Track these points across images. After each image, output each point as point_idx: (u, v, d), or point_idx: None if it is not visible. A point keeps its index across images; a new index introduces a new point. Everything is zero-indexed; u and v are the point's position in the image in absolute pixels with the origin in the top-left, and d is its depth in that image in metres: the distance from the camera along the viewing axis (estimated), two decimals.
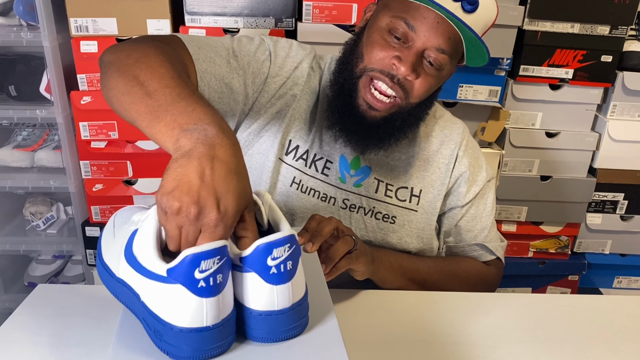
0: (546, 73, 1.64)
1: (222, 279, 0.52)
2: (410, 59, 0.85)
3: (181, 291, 0.51)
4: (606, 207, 1.83)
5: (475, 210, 1.05)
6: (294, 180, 0.98)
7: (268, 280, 0.54)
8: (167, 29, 1.50)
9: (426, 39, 0.85)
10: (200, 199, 0.50)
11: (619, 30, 1.60)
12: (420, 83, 0.88)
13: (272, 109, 0.97)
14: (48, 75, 1.56)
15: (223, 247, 0.51)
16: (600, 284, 1.98)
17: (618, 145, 1.72)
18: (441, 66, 0.88)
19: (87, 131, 1.59)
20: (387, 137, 0.93)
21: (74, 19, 1.49)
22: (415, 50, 0.86)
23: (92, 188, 1.66)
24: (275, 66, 0.95)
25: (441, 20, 0.84)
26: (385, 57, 0.87)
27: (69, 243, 1.77)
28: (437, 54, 0.86)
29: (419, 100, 0.90)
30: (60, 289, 0.92)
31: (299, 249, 0.56)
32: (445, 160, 1.02)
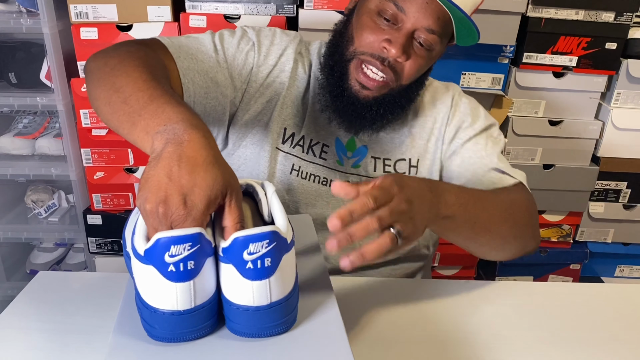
0: (550, 60, 1.62)
1: (194, 266, 0.52)
2: (400, 41, 0.85)
3: (154, 273, 0.52)
4: (609, 195, 1.82)
5: (476, 146, 0.99)
6: (294, 167, 0.98)
7: (244, 275, 0.53)
8: (168, 16, 1.49)
9: (416, 20, 0.85)
10: (167, 197, 0.52)
11: (624, 16, 1.58)
12: (411, 64, 0.88)
13: (262, 98, 0.97)
14: (48, 62, 1.55)
15: (196, 235, 0.52)
16: (602, 272, 1.98)
17: (622, 133, 1.71)
18: (431, 46, 0.88)
19: (88, 119, 1.58)
20: (379, 117, 0.93)
21: (73, 6, 1.48)
22: (405, 31, 0.86)
23: (94, 176, 1.66)
24: (260, 55, 0.95)
25: (430, 1, 0.84)
26: (375, 40, 0.87)
27: (71, 231, 1.77)
28: (427, 35, 0.86)
29: (409, 81, 0.91)
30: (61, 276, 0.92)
31: (284, 246, 0.55)
32: (438, 124, 1.01)
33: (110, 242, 1.74)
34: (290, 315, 0.58)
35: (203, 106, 0.91)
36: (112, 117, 0.66)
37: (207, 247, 0.54)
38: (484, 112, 1.04)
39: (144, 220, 0.54)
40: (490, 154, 0.97)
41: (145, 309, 0.55)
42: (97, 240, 1.75)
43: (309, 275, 0.69)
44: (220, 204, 0.55)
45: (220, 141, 1.01)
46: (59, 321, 0.76)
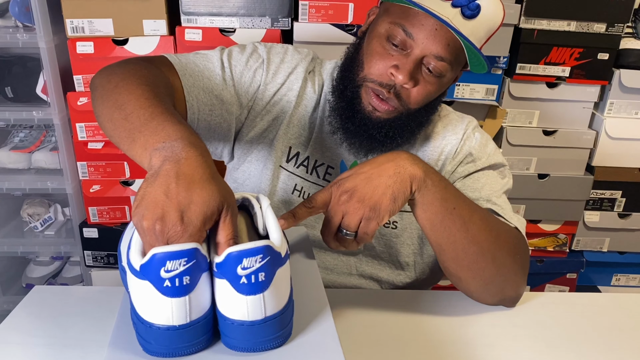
0: (543, 71, 1.64)
1: (190, 281, 0.52)
2: (408, 67, 0.84)
3: (150, 288, 0.52)
4: (604, 204, 1.83)
5: (475, 183, 0.96)
6: (296, 188, 0.98)
7: (239, 290, 0.53)
8: (163, 30, 1.50)
9: (424, 47, 0.83)
10: (164, 214, 0.53)
11: (615, 27, 1.60)
12: (418, 90, 0.86)
13: (268, 116, 0.96)
14: (44, 77, 1.56)
15: (191, 250, 0.52)
16: (598, 281, 1.98)
17: (615, 142, 1.72)
18: (441, 74, 0.86)
19: (84, 132, 1.58)
20: (389, 140, 0.92)
21: (69, 20, 1.49)
22: (414, 57, 0.84)
23: (90, 189, 1.66)
24: (269, 73, 0.95)
25: (439, 27, 0.82)
26: (384, 67, 0.86)
27: (67, 244, 1.77)
28: (436, 62, 0.84)
29: (418, 106, 0.89)
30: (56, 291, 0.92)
31: (278, 260, 0.55)
32: (444, 155, 0.99)
33: (106, 255, 1.74)
34: (285, 329, 0.58)
35: (207, 123, 0.91)
36: (114, 134, 0.67)
37: (202, 262, 0.54)
38: (493, 149, 1.00)
39: (141, 237, 0.55)
40: (489, 194, 0.93)
41: (140, 324, 0.55)
42: (93, 253, 1.75)
43: (304, 287, 0.69)
44: (216, 219, 0.56)
45: (227, 155, 1.01)
46: (55, 335, 0.76)
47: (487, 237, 0.81)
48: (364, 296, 0.91)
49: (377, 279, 1.02)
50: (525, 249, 0.88)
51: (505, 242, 0.84)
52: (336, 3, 1.52)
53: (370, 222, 0.73)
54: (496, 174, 0.97)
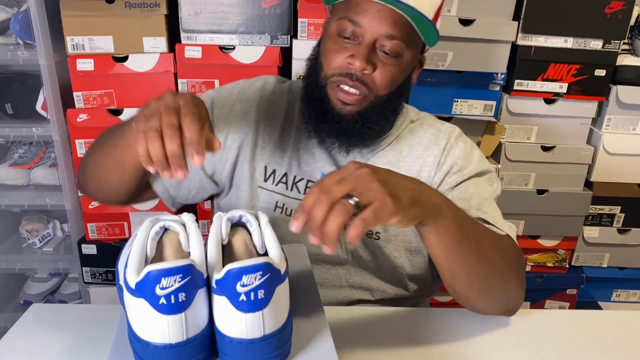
0: (540, 87, 1.65)
1: (186, 298, 0.52)
2: (363, 53, 0.86)
3: (145, 306, 0.52)
4: (603, 220, 1.83)
5: (464, 193, 0.95)
6: (277, 205, 0.98)
7: (238, 307, 0.53)
8: (163, 47, 1.51)
9: (373, 30, 0.85)
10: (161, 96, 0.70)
11: (611, 44, 1.61)
12: (381, 73, 0.88)
13: (234, 144, 0.98)
14: (44, 93, 1.56)
15: (186, 266, 0.52)
16: (598, 297, 1.98)
17: (614, 158, 1.72)
18: (397, 53, 0.87)
19: (84, 148, 1.59)
20: (366, 129, 0.92)
21: (70, 37, 1.50)
22: (366, 43, 0.86)
23: (89, 205, 1.66)
24: (217, 109, 0.99)
25: (382, 7, 0.84)
26: (341, 60, 0.88)
27: (65, 261, 1.77)
28: (389, 42, 0.86)
29: (386, 90, 0.90)
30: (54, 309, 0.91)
31: (277, 277, 0.55)
32: (427, 167, 0.99)
33: (105, 272, 1.74)
34: (284, 347, 0.57)
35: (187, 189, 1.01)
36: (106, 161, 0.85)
37: (198, 278, 0.54)
38: (479, 157, 1.00)
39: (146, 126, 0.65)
40: (479, 203, 0.93)
41: (137, 343, 0.54)
42: (91, 270, 1.74)
43: (303, 305, 0.69)
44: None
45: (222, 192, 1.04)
46: (52, 355, 0.75)
47: (496, 256, 0.81)
48: (363, 313, 0.90)
49: (368, 287, 1.01)
50: (520, 257, 0.88)
51: (510, 257, 0.84)
52: None
53: (383, 210, 0.62)
54: (484, 181, 0.97)
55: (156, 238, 0.61)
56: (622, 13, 1.57)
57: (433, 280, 1.04)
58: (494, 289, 0.83)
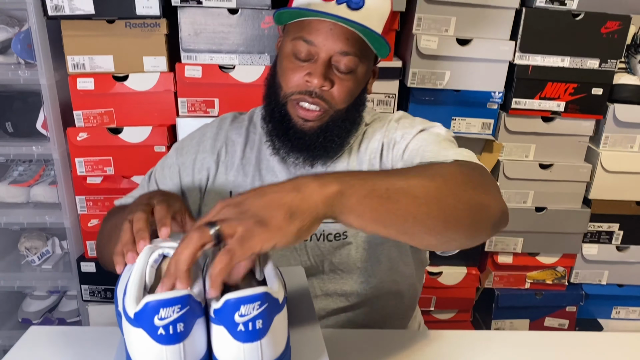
0: (538, 106, 1.66)
1: (184, 328, 0.53)
2: (319, 71, 0.89)
3: (144, 336, 0.52)
4: (602, 237, 1.83)
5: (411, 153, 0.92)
6: None
7: (236, 337, 0.53)
8: (163, 66, 1.52)
9: (327, 48, 0.89)
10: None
11: (608, 63, 1.62)
12: (338, 89, 0.91)
13: (200, 182, 1.03)
14: (45, 112, 1.57)
15: (185, 297, 0.53)
16: (598, 314, 1.97)
17: (612, 176, 1.73)
18: (351, 68, 0.90)
19: (83, 167, 1.59)
20: (329, 142, 0.95)
21: (71, 57, 1.51)
22: (321, 61, 0.89)
23: (88, 223, 1.66)
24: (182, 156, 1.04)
25: (334, 26, 0.88)
26: (299, 78, 0.91)
27: (64, 278, 1.76)
28: (343, 58, 0.89)
29: (345, 104, 0.93)
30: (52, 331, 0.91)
31: (275, 307, 0.55)
32: (377, 154, 0.99)
33: (103, 290, 1.73)
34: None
35: None
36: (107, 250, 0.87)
37: (196, 308, 0.54)
38: (418, 121, 0.99)
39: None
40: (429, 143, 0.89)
41: None
42: (90, 287, 1.74)
43: (301, 331, 0.69)
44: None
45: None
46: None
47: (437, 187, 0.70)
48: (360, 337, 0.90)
49: (342, 293, 1.01)
50: (478, 169, 0.81)
51: (457, 177, 0.75)
52: None
53: (250, 238, 0.56)
54: (426, 134, 0.93)
55: (155, 265, 0.61)
56: (618, 33, 1.59)
57: (408, 265, 1.04)
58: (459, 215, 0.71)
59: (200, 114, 1.57)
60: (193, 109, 1.56)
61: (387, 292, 1.03)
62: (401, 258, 1.02)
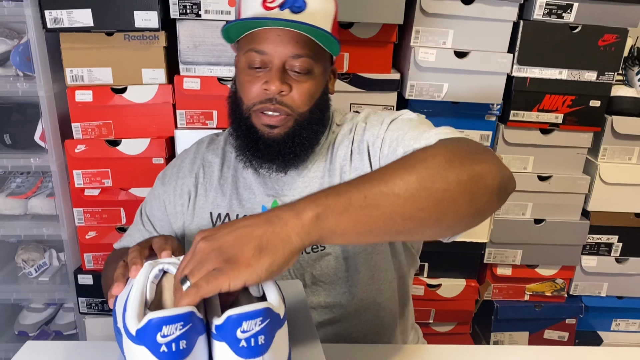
0: (536, 118, 1.66)
1: (187, 345, 0.52)
2: (275, 76, 0.90)
3: (146, 353, 0.52)
4: (601, 249, 1.82)
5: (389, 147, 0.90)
6: None
7: (238, 353, 0.53)
8: (162, 78, 1.52)
9: (279, 54, 0.90)
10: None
11: (605, 76, 1.63)
12: (297, 92, 0.92)
13: (181, 207, 1.05)
14: (43, 124, 1.57)
15: (188, 314, 0.52)
16: (598, 326, 1.96)
17: (610, 188, 1.73)
18: (307, 69, 0.92)
19: (81, 179, 1.59)
20: (299, 146, 0.95)
21: (69, 69, 1.51)
22: (276, 67, 0.91)
23: (85, 235, 1.65)
24: (164, 185, 1.06)
25: (282, 32, 0.89)
26: (257, 88, 0.92)
27: (61, 291, 1.75)
28: (296, 61, 0.91)
29: (306, 106, 0.94)
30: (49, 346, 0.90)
31: (277, 322, 0.55)
32: (343, 161, 0.98)
33: (100, 302, 1.72)
34: None
35: None
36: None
37: (199, 325, 0.54)
38: (386, 113, 0.97)
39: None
40: (406, 131, 0.87)
41: None
42: (87, 300, 1.73)
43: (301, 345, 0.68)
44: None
45: None
46: None
47: (419, 176, 0.66)
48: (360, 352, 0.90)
49: (326, 305, 1.00)
50: (463, 141, 0.77)
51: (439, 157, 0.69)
52: None
53: (218, 276, 0.56)
54: (399, 122, 0.92)
55: (155, 281, 0.61)
56: (615, 45, 1.59)
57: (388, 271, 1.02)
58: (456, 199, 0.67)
59: (199, 125, 1.57)
60: (192, 120, 1.56)
61: (372, 302, 1.02)
62: (381, 264, 1.01)
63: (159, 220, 1.07)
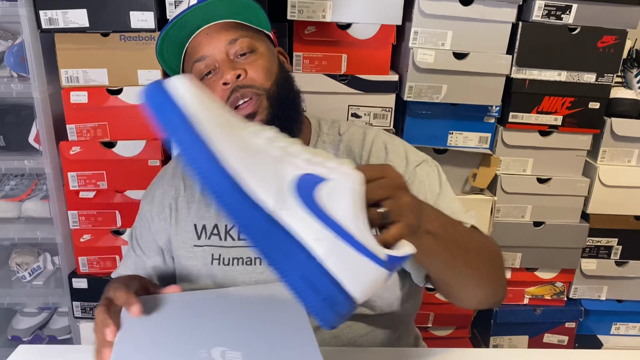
0: (535, 120, 1.65)
1: None
2: (225, 67, 0.90)
3: (384, 275, 0.54)
4: (600, 252, 1.81)
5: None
6: (214, 257, 0.97)
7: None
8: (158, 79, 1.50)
9: (216, 49, 0.91)
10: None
11: (605, 77, 1.62)
12: (252, 69, 0.91)
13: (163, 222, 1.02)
14: (37, 126, 1.55)
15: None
16: (598, 330, 1.95)
17: (610, 190, 1.72)
18: (249, 48, 0.92)
19: (76, 181, 1.57)
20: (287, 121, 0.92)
21: (64, 70, 1.49)
22: (221, 62, 0.91)
23: (80, 238, 1.63)
24: (147, 204, 1.04)
25: (207, 30, 0.91)
26: (218, 90, 0.91)
27: (55, 295, 1.73)
28: (235, 45, 0.91)
29: (269, 81, 0.92)
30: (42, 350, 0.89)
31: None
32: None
33: (95, 306, 1.70)
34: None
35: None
36: None
37: None
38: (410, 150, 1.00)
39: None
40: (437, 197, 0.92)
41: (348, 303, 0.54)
42: (82, 304, 1.71)
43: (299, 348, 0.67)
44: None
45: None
46: None
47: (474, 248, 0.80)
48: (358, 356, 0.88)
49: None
50: (497, 246, 0.88)
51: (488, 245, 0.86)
52: (330, 54, 1.54)
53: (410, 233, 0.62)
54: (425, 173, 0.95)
55: None
56: (614, 47, 1.59)
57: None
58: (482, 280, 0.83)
59: None
60: None
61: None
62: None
63: (146, 242, 1.05)
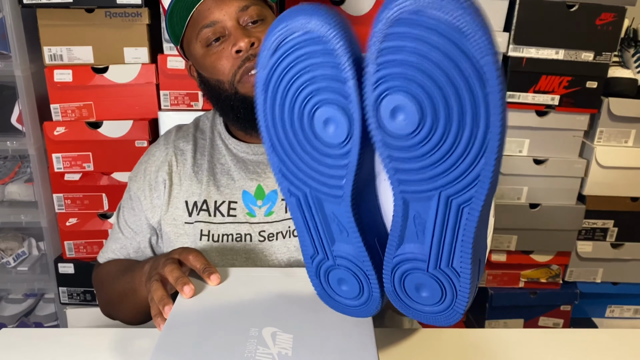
0: (532, 99, 1.62)
1: None
2: (239, 35, 0.87)
3: None
4: (596, 234, 1.79)
5: None
6: (202, 234, 0.95)
7: None
8: (145, 57, 1.46)
9: (228, 15, 0.88)
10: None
11: (602, 56, 1.59)
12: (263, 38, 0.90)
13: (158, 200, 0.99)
14: (20, 106, 1.50)
15: None
16: (592, 313, 1.94)
17: (606, 171, 1.70)
18: (260, 16, 0.90)
19: (61, 163, 1.52)
20: None
21: (47, 48, 1.44)
22: (233, 28, 0.88)
23: (66, 222, 1.59)
24: (137, 182, 1.01)
25: None
26: (229, 58, 0.88)
27: (41, 281, 1.69)
28: (246, 13, 0.88)
29: None
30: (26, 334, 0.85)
31: None
32: None
33: (82, 292, 1.66)
34: None
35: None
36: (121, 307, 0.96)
37: None
38: None
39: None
40: None
41: None
42: (68, 290, 1.67)
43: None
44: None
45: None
46: None
47: None
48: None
49: None
50: None
51: None
52: None
53: None
54: None
55: None
56: (612, 25, 1.56)
57: None
58: None
59: (184, 107, 1.51)
60: (176, 102, 1.50)
61: None
62: None
63: (138, 221, 1.01)
